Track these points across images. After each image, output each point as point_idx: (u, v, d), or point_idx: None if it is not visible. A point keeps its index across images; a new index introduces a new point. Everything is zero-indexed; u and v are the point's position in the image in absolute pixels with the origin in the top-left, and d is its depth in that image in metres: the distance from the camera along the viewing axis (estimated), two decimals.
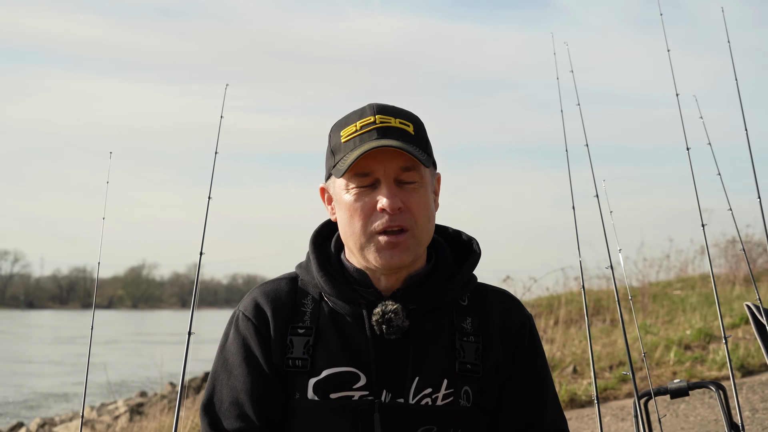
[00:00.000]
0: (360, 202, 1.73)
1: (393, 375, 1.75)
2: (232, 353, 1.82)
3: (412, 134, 1.76)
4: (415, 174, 1.74)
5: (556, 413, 1.88)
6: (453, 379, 1.77)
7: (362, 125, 1.75)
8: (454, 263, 1.86)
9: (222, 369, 1.83)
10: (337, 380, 1.74)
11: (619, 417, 6.61)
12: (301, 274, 1.87)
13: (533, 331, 1.90)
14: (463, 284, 1.83)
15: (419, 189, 1.75)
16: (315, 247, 1.86)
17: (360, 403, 1.73)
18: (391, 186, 1.72)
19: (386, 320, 1.73)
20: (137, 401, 13.31)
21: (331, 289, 1.79)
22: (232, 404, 1.78)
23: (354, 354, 1.75)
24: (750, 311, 2.92)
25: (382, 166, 1.72)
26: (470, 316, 1.83)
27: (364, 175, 1.73)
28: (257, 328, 1.80)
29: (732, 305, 9.95)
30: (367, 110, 1.78)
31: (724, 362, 7.65)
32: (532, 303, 11.79)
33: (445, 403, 1.76)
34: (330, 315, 1.80)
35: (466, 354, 1.78)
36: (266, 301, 1.83)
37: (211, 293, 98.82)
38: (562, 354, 8.59)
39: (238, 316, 1.85)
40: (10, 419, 13.59)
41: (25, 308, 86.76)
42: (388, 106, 1.80)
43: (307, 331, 1.78)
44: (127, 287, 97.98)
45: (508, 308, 1.87)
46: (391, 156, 1.72)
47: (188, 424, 7.10)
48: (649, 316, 10.49)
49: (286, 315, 1.81)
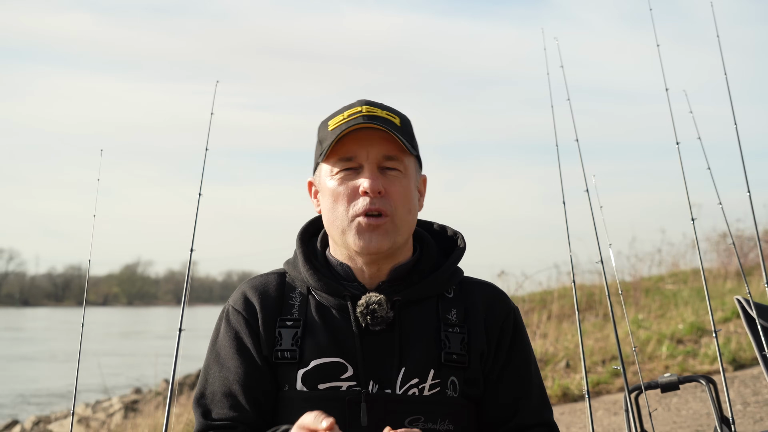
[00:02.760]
0: (343, 185, 1.79)
1: (379, 366, 1.78)
2: (224, 346, 1.85)
3: (398, 125, 1.82)
4: (398, 162, 1.80)
5: (541, 403, 1.90)
6: (439, 369, 1.79)
7: (349, 114, 1.81)
8: (440, 257, 1.90)
9: (214, 362, 1.85)
10: (325, 371, 1.77)
11: (612, 411, 6.63)
12: (288, 269, 1.91)
13: (517, 322, 1.92)
14: (448, 276, 1.87)
15: (402, 178, 1.81)
16: (302, 243, 1.91)
17: (347, 393, 1.76)
18: (373, 170, 1.78)
19: (370, 311, 1.77)
20: (132, 398, 13.30)
21: (316, 282, 1.83)
22: (224, 395, 1.81)
23: (341, 345, 1.79)
24: (740, 305, 2.94)
25: (365, 151, 1.78)
26: (455, 308, 1.86)
27: (348, 159, 1.79)
28: (247, 320, 1.84)
29: (723, 299, 9.99)
30: (355, 103, 1.85)
31: (716, 356, 7.68)
32: (525, 298, 11.81)
33: (432, 393, 1.78)
34: (317, 308, 1.83)
35: (452, 344, 1.81)
36: (255, 294, 1.87)
37: (206, 290, 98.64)
38: (555, 349, 8.62)
39: (228, 310, 1.88)
40: (5, 417, 13.58)
41: (20, 306, 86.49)
42: (376, 101, 1.86)
43: (295, 323, 1.82)
44: (122, 284, 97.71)
45: (492, 300, 1.91)
46: (375, 142, 1.78)
47: (182, 421, 7.12)
48: (641, 310, 10.53)
49: (274, 308, 1.85)
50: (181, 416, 7.41)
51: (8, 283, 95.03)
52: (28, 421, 12.71)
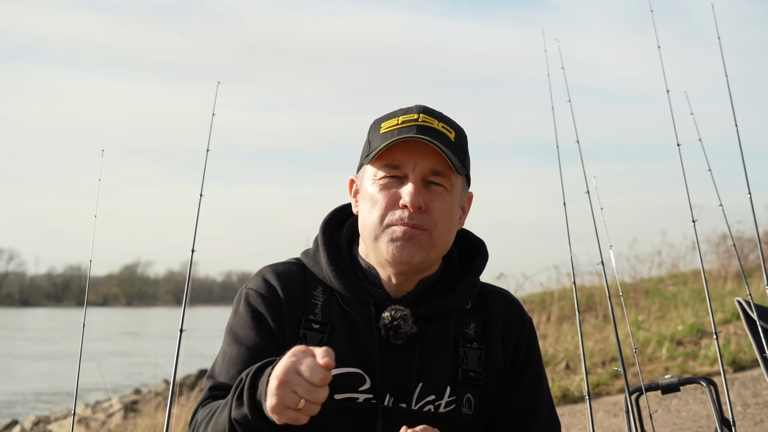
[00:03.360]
0: (384, 192, 1.71)
1: (397, 380, 1.74)
2: (243, 326, 1.75)
3: (452, 141, 1.74)
4: (445, 179, 1.71)
5: (550, 418, 1.89)
6: (455, 386, 1.77)
7: (404, 120, 1.73)
8: (461, 264, 1.85)
9: (231, 342, 1.75)
10: (343, 381, 1.72)
11: (612, 412, 6.63)
12: (308, 263, 1.83)
13: (532, 336, 1.91)
14: (470, 288, 1.82)
15: (446, 195, 1.72)
16: (325, 237, 1.83)
17: (364, 405, 1.72)
18: (418, 183, 1.69)
19: (395, 326, 1.71)
20: (132, 399, 13.29)
21: (340, 285, 1.75)
22: (238, 372, 1.68)
23: (361, 356, 1.73)
24: (741, 307, 2.94)
25: (413, 162, 1.70)
26: (473, 321, 1.82)
27: (394, 167, 1.71)
28: (271, 302, 1.75)
29: (724, 301, 9.98)
30: (413, 108, 1.76)
31: (716, 358, 7.68)
32: (526, 299, 11.83)
33: (448, 410, 1.76)
34: (340, 312, 1.76)
35: (469, 361, 1.78)
36: (277, 279, 1.78)
37: (206, 291, 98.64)
38: (555, 350, 8.62)
39: (247, 293, 1.79)
40: (5, 417, 13.58)
41: (20, 306, 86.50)
42: (435, 110, 1.78)
43: (322, 328, 1.74)
44: (121, 285, 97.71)
45: (509, 313, 1.87)
46: (425, 155, 1.70)
47: (182, 422, 7.10)
48: (641, 311, 10.52)
49: (298, 301, 1.77)
50: (180, 417, 7.40)
51: (8, 283, 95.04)
52: (27, 421, 12.71)
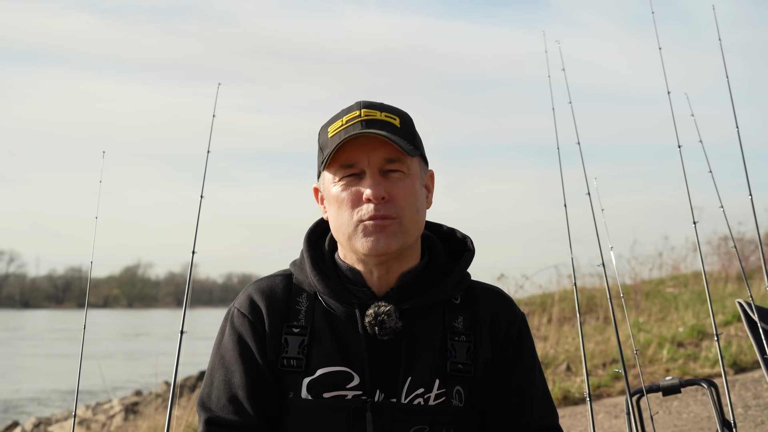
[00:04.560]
0: (346, 192, 1.76)
1: (385, 375, 1.76)
2: (229, 349, 1.83)
3: (398, 126, 1.79)
4: (401, 164, 1.77)
5: (545, 408, 1.89)
6: (445, 378, 1.78)
7: (348, 119, 1.78)
8: (448, 261, 1.87)
9: (219, 365, 1.83)
10: (331, 379, 1.76)
11: (613, 414, 6.62)
12: (295, 272, 1.88)
13: (522, 329, 1.91)
14: (457, 282, 1.84)
15: (405, 179, 1.77)
16: (309, 245, 1.88)
17: (353, 402, 1.74)
18: (375, 176, 1.75)
19: (379, 322, 1.74)
20: (132, 400, 13.29)
21: (324, 288, 1.80)
22: (229, 400, 1.79)
23: (347, 354, 1.77)
24: (742, 308, 2.94)
25: (366, 156, 1.75)
26: (462, 315, 1.84)
27: (349, 166, 1.76)
28: (253, 324, 1.82)
29: (725, 302, 9.97)
30: (353, 107, 1.81)
31: (717, 359, 7.67)
32: (526, 301, 11.81)
33: (437, 402, 1.77)
34: (324, 314, 1.81)
35: (458, 354, 1.80)
36: (261, 297, 1.84)
37: (207, 292, 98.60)
38: (555, 352, 8.61)
39: (233, 313, 1.86)
40: (5, 419, 13.57)
41: (20, 308, 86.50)
42: (375, 102, 1.82)
43: (302, 330, 1.79)
44: (122, 286, 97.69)
45: (498, 306, 1.89)
46: (376, 146, 1.75)
47: (182, 423, 7.10)
48: (642, 313, 10.51)
49: (281, 312, 1.82)
50: (181, 419, 7.40)
51: (9, 284, 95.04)
52: (28, 422, 12.71)
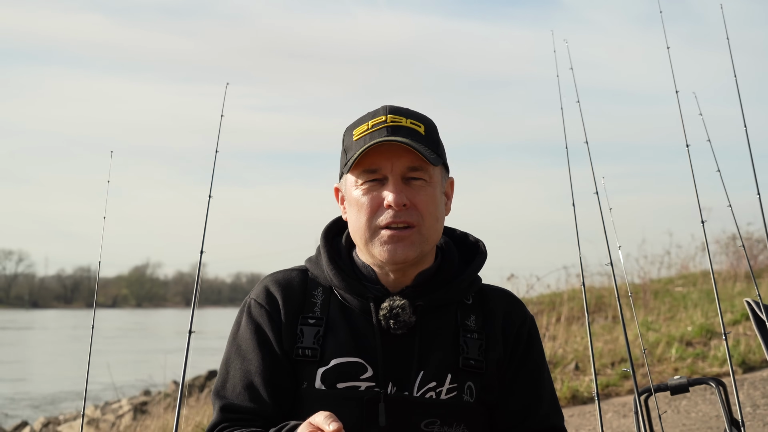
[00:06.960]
0: (367, 196, 1.78)
1: (398, 368, 1.79)
2: (246, 339, 1.85)
3: (422, 134, 1.81)
4: (423, 172, 1.79)
5: (551, 408, 1.92)
6: (456, 374, 1.81)
7: (373, 124, 1.80)
8: (461, 264, 1.91)
9: (235, 355, 1.85)
10: (345, 370, 1.78)
11: (621, 413, 6.62)
12: (311, 267, 1.90)
13: (532, 330, 1.95)
14: (469, 283, 1.88)
15: (427, 187, 1.79)
16: (326, 241, 1.91)
17: (366, 393, 1.77)
18: (397, 182, 1.77)
19: (393, 315, 1.78)
20: (141, 400, 13.34)
21: (340, 282, 1.83)
22: (245, 387, 1.81)
23: (362, 346, 1.80)
24: (750, 308, 2.93)
25: (389, 163, 1.77)
26: (474, 314, 1.88)
27: (372, 171, 1.78)
28: (270, 314, 1.84)
29: (733, 302, 9.95)
30: (380, 111, 1.83)
31: (725, 358, 7.65)
32: (535, 300, 11.81)
33: (449, 397, 1.80)
34: (339, 307, 1.84)
35: (470, 350, 1.83)
36: (278, 288, 1.87)
37: (215, 292, 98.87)
38: (564, 351, 8.60)
39: (250, 304, 1.88)
40: (14, 419, 13.63)
41: (29, 308, 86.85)
42: (401, 107, 1.84)
43: (318, 321, 1.82)
44: (131, 286, 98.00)
45: (509, 306, 1.93)
46: (400, 153, 1.77)
47: (191, 423, 7.13)
48: (650, 312, 10.49)
49: (297, 303, 1.85)
50: (190, 418, 7.42)
51: (18, 284, 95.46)
52: (37, 422, 12.77)
